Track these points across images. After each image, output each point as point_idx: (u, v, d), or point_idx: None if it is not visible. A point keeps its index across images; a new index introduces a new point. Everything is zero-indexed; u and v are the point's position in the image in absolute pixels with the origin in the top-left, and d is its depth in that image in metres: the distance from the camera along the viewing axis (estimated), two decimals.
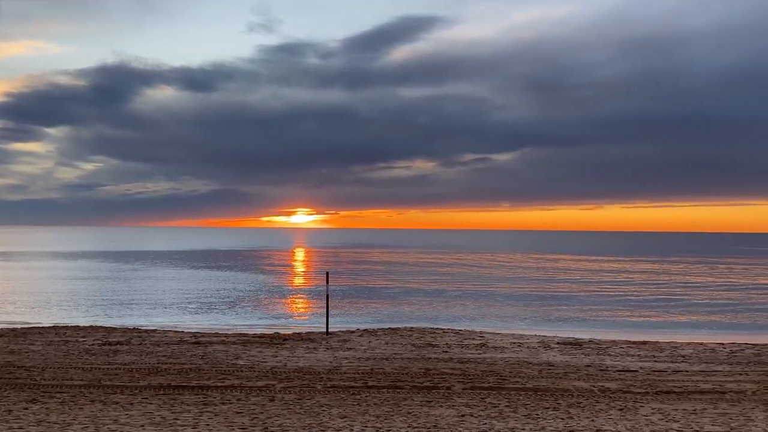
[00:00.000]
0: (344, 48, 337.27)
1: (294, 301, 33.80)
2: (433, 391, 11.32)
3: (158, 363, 13.88)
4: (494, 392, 11.31)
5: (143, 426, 8.91)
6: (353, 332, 19.41)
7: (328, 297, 20.46)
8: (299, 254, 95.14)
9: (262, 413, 9.67)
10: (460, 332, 19.90)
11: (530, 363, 14.57)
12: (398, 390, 11.41)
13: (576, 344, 17.67)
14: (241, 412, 9.71)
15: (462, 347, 16.76)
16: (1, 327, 20.37)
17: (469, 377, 12.64)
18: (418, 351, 15.99)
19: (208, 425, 9.00)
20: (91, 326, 20.71)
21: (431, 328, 20.60)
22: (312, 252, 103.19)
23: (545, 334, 20.44)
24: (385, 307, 30.23)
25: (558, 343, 17.81)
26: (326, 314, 19.82)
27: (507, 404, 10.43)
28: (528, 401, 10.67)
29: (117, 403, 10.17)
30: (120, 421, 9.12)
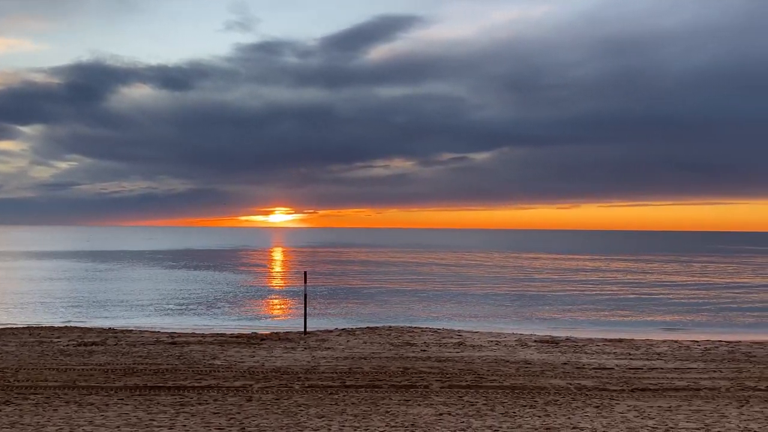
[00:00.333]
0: (322, 47, 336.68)
1: (272, 301, 33.69)
2: (411, 390, 11.33)
3: (134, 363, 13.77)
4: (472, 391, 11.35)
5: (119, 427, 8.83)
6: (331, 332, 19.39)
7: (306, 296, 20.42)
8: (277, 254, 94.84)
9: (240, 413, 9.63)
10: (438, 331, 19.95)
11: (508, 361, 14.64)
12: (376, 389, 11.41)
13: (553, 342, 17.79)
14: (218, 413, 9.65)
15: (440, 346, 16.80)
16: None
17: (447, 376, 12.68)
18: (397, 350, 16.01)
19: (185, 426, 8.94)
20: (66, 327, 20.50)
21: (409, 328, 20.64)
22: (290, 251, 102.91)
23: (522, 333, 20.55)
24: (364, 307, 30.23)
25: (535, 342, 17.92)
26: (304, 314, 19.77)
27: (484, 402, 10.47)
28: (505, 399, 10.72)
29: (92, 405, 10.06)
30: (95, 423, 9.03)
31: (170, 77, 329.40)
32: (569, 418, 9.53)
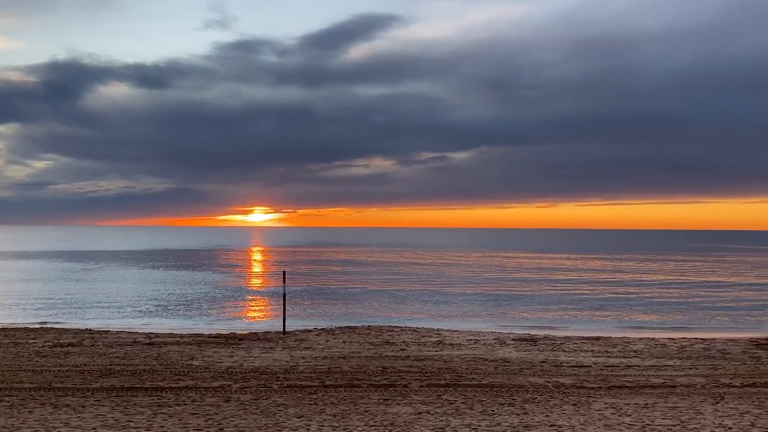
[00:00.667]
0: (301, 46, 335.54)
1: (250, 301, 33.54)
2: (390, 389, 11.34)
3: (111, 364, 13.66)
4: (451, 389, 11.38)
5: (95, 429, 8.75)
6: (310, 331, 19.35)
7: (285, 296, 20.36)
8: (256, 254, 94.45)
9: (218, 414, 9.58)
10: (418, 330, 19.99)
11: (486, 359, 14.71)
12: (355, 389, 11.41)
13: (531, 340, 17.89)
14: (196, 413, 9.60)
15: (419, 345, 16.84)
16: None
17: (426, 375, 12.71)
18: (376, 349, 16.01)
19: (163, 427, 8.89)
20: (42, 327, 20.27)
21: (389, 327, 20.65)
22: (269, 251, 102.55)
23: (501, 331, 20.65)
24: (343, 307, 30.20)
25: (514, 340, 18.01)
26: (283, 314, 19.72)
27: (463, 401, 10.51)
28: (484, 397, 10.77)
29: (68, 406, 9.97)
30: (71, 424, 8.94)
31: (148, 76, 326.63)
32: (547, 416, 9.60)
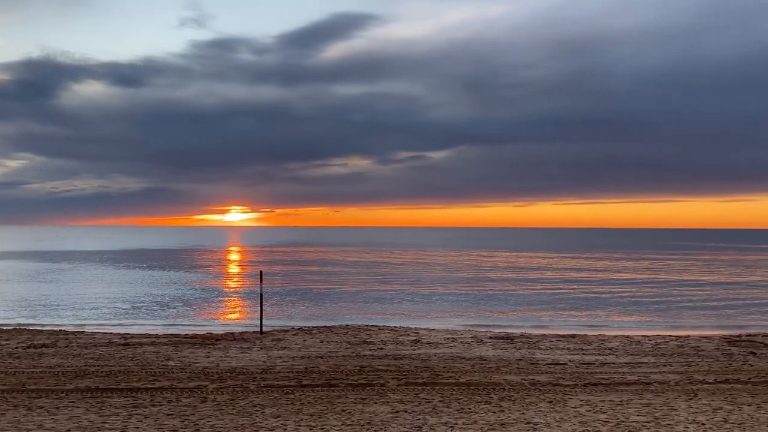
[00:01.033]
0: (279, 44, 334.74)
1: (227, 301, 33.36)
2: (368, 389, 11.35)
3: (86, 365, 13.52)
4: (428, 388, 11.41)
5: (69, 430, 8.66)
6: (288, 331, 19.29)
7: (262, 296, 20.29)
8: (233, 253, 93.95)
9: (194, 415, 9.53)
10: (395, 329, 20.01)
11: (463, 358, 14.76)
12: (333, 388, 11.40)
13: (508, 339, 17.99)
14: (172, 414, 9.54)
15: (397, 344, 16.86)
16: None
17: (404, 373, 12.73)
18: (353, 349, 16.01)
19: (138, 428, 8.82)
20: (16, 328, 20.00)
21: (366, 326, 20.66)
22: (246, 251, 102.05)
23: (478, 330, 20.74)
24: (321, 306, 30.14)
25: (490, 338, 18.10)
26: (260, 314, 19.65)
27: (440, 399, 10.54)
28: (461, 396, 10.81)
29: (42, 408, 9.85)
30: (45, 426, 8.84)
31: (123, 74, 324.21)
32: (523, 414, 9.66)
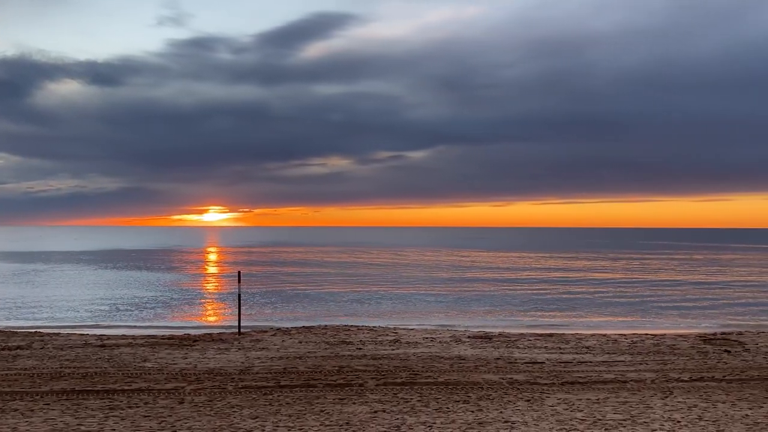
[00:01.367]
0: (257, 43, 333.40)
1: (205, 302, 33.17)
2: (347, 389, 11.34)
3: (61, 367, 13.37)
4: (407, 387, 11.43)
5: None
6: (266, 332, 19.22)
7: (240, 297, 20.20)
8: (211, 254, 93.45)
9: (171, 416, 9.46)
10: (374, 329, 20.01)
11: (442, 357, 14.80)
12: (311, 389, 11.38)
13: (486, 338, 18.06)
14: (149, 416, 9.47)
15: (376, 344, 16.86)
16: None
17: (382, 373, 12.73)
18: (332, 349, 15.99)
19: (114, 430, 8.74)
20: None
21: (345, 326, 20.63)
22: (224, 251, 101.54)
23: (457, 329, 20.80)
24: (300, 307, 30.08)
25: (469, 337, 18.16)
26: (238, 314, 19.57)
27: (419, 399, 10.56)
28: (439, 395, 10.84)
29: (16, 410, 9.73)
30: (19, 429, 8.74)
31: (100, 73, 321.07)
32: (501, 412, 9.71)
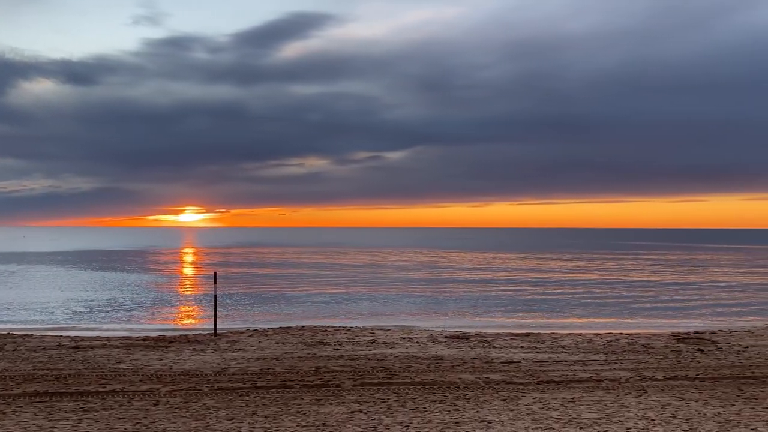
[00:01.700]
0: (234, 43, 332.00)
1: (181, 303, 32.93)
2: (323, 389, 11.33)
3: (34, 369, 13.21)
4: (383, 388, 11.44)
5: None
6: (243, 333, 19.13)
7: (216, 297, 20.08)
8: (187, 254, 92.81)
9: (146, 418, 9.39)
10: (352, 329, 20.00)
11: (419, 357, 14.83)
12: (288, 389, 11.35)
13: (463, 338, 18.12)
14: (124, 418, 9.38)
15: (353, 344, 16.85)
16: None
17: (359, 374, 12.73)
18: (309, 349, 15.95)
19: None
20: None
21: (322, 327, 20.59)
22: (201, 252, 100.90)
23: (434, 329, 20.84)
24: (277, 307, 29.97)
25: (446, 337, 18.21)
26: (214, 315, 19.45)
27: (396, 399, 10.58)
28: (416, 395, 10.86)
29: None
30: None
31: (74, 72, 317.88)
32: (477, 412, 9.75)
